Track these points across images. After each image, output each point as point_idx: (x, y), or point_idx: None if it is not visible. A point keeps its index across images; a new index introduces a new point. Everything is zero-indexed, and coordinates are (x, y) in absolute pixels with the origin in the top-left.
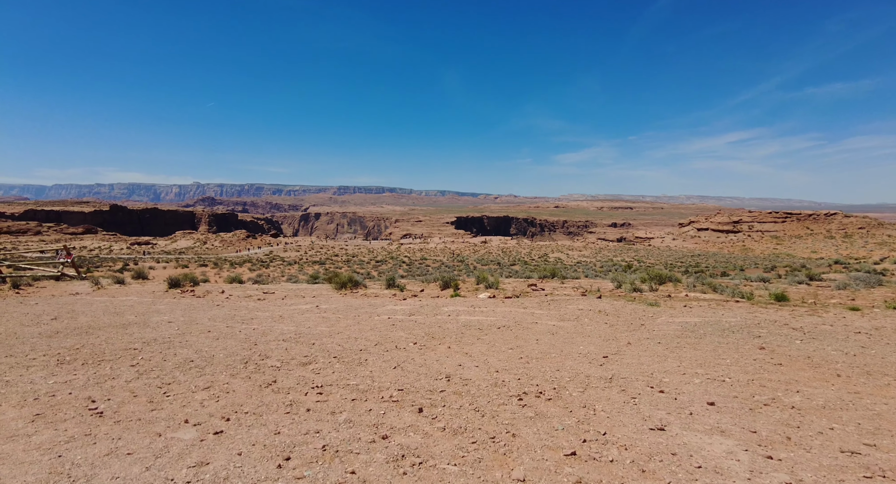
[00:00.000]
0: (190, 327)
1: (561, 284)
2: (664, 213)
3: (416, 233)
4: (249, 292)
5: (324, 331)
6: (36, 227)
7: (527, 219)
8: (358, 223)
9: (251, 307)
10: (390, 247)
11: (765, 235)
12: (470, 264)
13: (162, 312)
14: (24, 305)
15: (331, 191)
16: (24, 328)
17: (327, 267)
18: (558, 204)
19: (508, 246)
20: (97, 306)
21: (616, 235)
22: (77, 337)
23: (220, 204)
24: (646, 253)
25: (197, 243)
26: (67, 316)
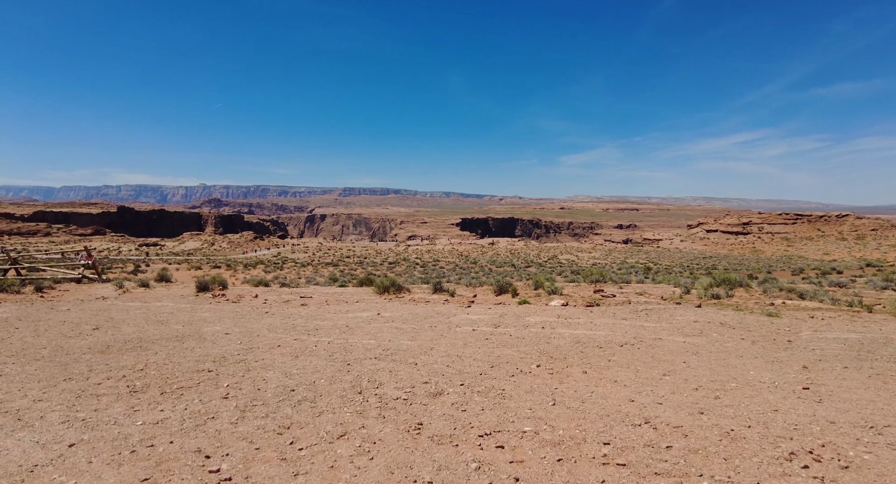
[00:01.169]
0: (253, 340)
1: (620, 289)
2: (670, 214)
3: (422, 234)
4: (285, 296)
5: (411, 346)
6: (45, 229)
7: (532, 220)
8: (363, 225)
9: (304, 315)
10: (397, 248)
11: (775, 237)
12: (484, 266)
13: (209, 320)
14: (55, 310)
15: (336, 192)
16: (69, 340)
17: (341, 269)
18: (563, 205)
19: (516, 247)
20: (135, 314)
21: (622, 237)
22: (134, 354)
23: (226, 205)
24: (657, 255)
25: (205, 245)
26: (109, 325)
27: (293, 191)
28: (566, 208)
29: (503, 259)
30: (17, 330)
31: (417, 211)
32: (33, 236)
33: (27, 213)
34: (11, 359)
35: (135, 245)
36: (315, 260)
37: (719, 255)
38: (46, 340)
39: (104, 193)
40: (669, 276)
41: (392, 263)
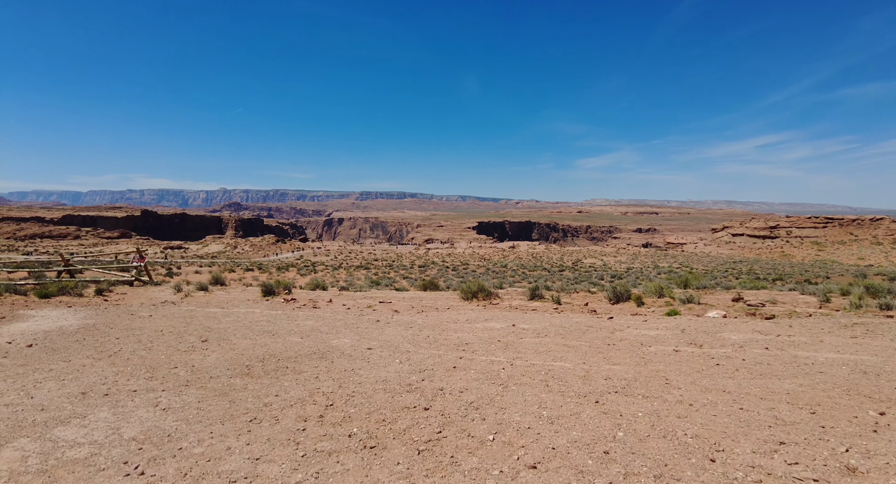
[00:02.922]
0: (412, 359)
1: (724, 296)
2: (691, 218)
3: (438, 238)
4: (365, 301)
5: (630, 375)
6: (75, 232)
7: (549, 224)
8: (380, 228)
9: (424, 324)
10: (418, 252)
11: (804, 241)
12: (517, 270)
13: (322, 330)
14: (137, 317)
15: (353, 196)
16: (191, 356)
17: (374, 272)
18: (581, 209)
19: (537, 251)
20: (228, 322)
21: (642, 241)
22: (289, 379)
23: (245, 209)
24: (685, 259)
25: (227, 247)
26: (215, 337)
27: (311, 195)
28: (584, 212)
29: (531, 263)
30: (119, 341)
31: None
32: (64, 239)
33: (57, 217)
34: (153, 382)
35: (159, 248)
36: (343, 263)
37: (749, 259)
38: (164, 355)
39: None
40: (755, 282)
41: (422, 266)
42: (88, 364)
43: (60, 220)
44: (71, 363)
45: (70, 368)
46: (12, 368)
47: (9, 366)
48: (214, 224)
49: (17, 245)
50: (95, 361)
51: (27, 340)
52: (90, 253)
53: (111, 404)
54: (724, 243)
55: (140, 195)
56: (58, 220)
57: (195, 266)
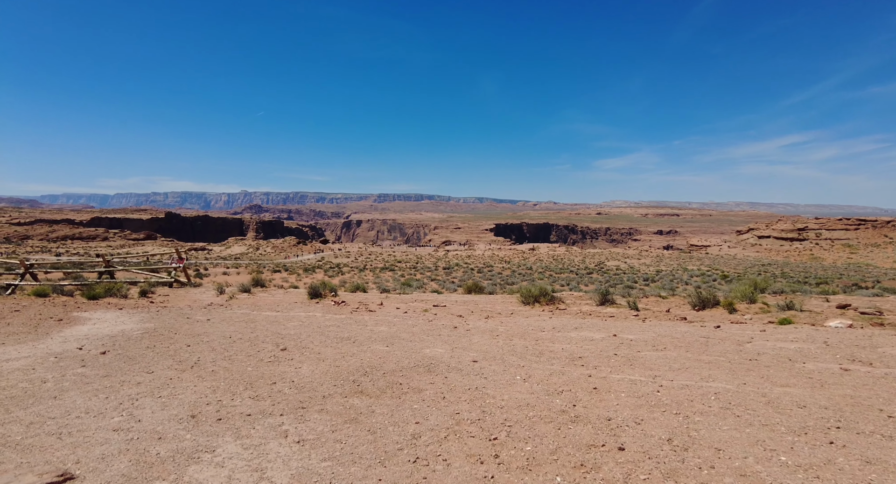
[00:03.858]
0: (537, 376)
1: (818, 302)
2: (712, 220)
3: (456, 239)
4: (417, 305)
5: (786, 397)
6: (104, 234)
7: (568, 226)
8: (398, 230)
9: (504, 332)
10: (437, 253)
11: (835, 244)
12: (543, 272)
13: (403, 338)
14: (194, 321)
15: (371, 198)
16: (280, 368)
17: (401, 274)
18: (600, 211)
19: (558, 253)
20: (292, 326)
21: (662, 243)
22: (413, 398)
23: (266, 211)
24: (711, 261)
25: (250, 249)
26: (292, 345)
27: (330, 197)
28: (603, 214)
29: (554, 265)
30: (191, 349)
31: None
32: (93, 241)
33: (86, 219)
34: (261, 403)
35: (184, 249)
36: (366, 265)
37: (778, 262)
38: (251, 366)
39: (153, 200)
40: (798, 285)
41: (446, 268)
42: (175, 377)
43: (89, 222)
44: (156, 376)
45: (158, 381)
46: (97, 380)
47: (92, 377)
48: (236, 226)
49: (49, 246)
50: (180, 372)
51: (97, 347)
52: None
53: (233, 433)
54: (749, 245)
55: (164, 197)
56: (87, 222)
57: (221, 268)
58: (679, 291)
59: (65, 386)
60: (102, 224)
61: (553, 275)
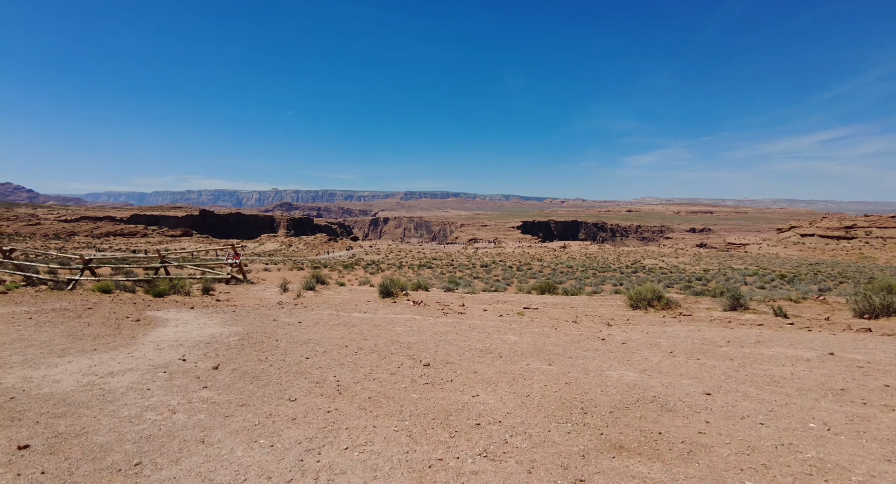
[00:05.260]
0: (792, 422)
1: None
2: (748, 217)
3: (482, 237)
4: (499, 306)
5: None
6: (143, 230)
7: (597, 223)
8: (424, 227)
9: (667, 347)
10: (466, 251)
11: (887, 242)
12: (586, 271)
13: (546, 349)
14: (282, 323)
15: (398, 196)
16: (446, 395)
17: (441, 272)
18: (630, 208)
19: (591, 251)
20: (402, 330)
21: (696, 241)
22: (672, 457)
23: (296, 209)
24: (753, 260)
25: (283, 246)
26: (429, 358)
27: (358, 195)
28: (634, 211)
29: (590, 263)
30: (311, 362)
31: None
32: (133, 237)
33: (125, 217)
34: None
35: (219, 246)
36: (401, 262)
37: (826, 261)
38: (416, 394)
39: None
40: None
41: (484, 265)
42: (330, 408)
43: (129, 220)
44: (304, 405)
45: (314, 416)
46: (237, 412)
47: (227, 406)
48: (267, 223)
49: (94, 242)
50: (330, 400)
51: (200, 357)
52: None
53: None
54: (791, 244)
55: (198, 195)
56: (126, 220)
57: (259, 264)
58: (781, 290)
59: (202, 420)
60: (141, 221)
61: (597, 273)
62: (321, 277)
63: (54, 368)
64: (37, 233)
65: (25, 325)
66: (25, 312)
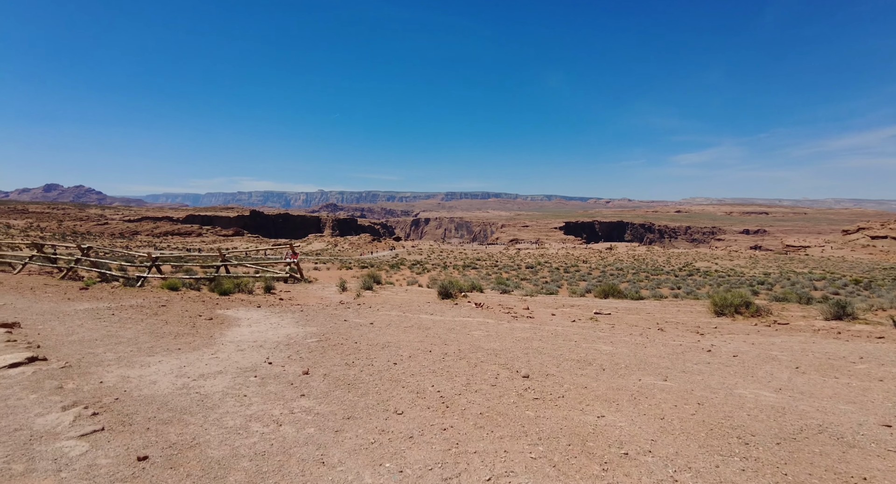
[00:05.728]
0: None
1: None
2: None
3: (524, 238)
4: (566, 310)
5: None
6: (197, 230)
7: (644, 224)
8: (464, 228)
9: (788, 362)
10: (508, 252)
11: None
12: (637, 273)
13: (662, 366)
14: (353, 324)
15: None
16: (554, 412)
17: (487, 272)
18: (679, 208)
19: (638, 253)
20: (480, 335)
21: (749, 243)
22: None
23: (341, 210)
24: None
25: (328, 245)
26: (519, 366)
27: (400, 196)
28: (683, 212)
29: (641, 266)
30: (399, 368)
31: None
32: (188, 236)
33: (182, 217)
34: None
35: (269, 245)
36: (446, 262)
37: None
38: (532, 412)
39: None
40: None
41: (530, 267)
42: (445, 425)
43: (185, 220)
44: (412, 420)
45: (430, 434)
46: (345, 426)
47: (331, 418)
48: (314, 223)
49: (154, 241)
50: (438, 415)
51: (285, 360)
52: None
53: None
54: (860, 247)
55: (248, 197)
56: (182, 220)
57: (309, 263)
58: (820, 299)
59: (312, 435)
60: (196, 221)
61: (650, 276)
62: (377, 276)
63: (147, 368)
64: (105, 232)
65: (110, 321)
66: (107, 308)
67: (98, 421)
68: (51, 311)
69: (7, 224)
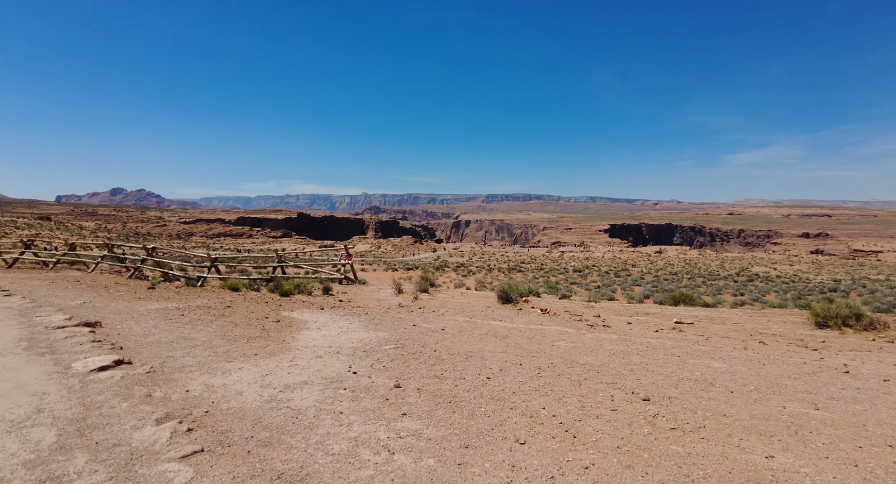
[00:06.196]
0: None
1: None
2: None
3: (567, 241)
4: (645, 319)
5: None
6: (248, 231)
7: (694, 227)
8: (505, 230)
9: None
10: (552, 254)
11: None
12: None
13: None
14: (428, 331)
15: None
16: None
17: (534, 276)
18: (732, 210)
19: (690, 257)
20: (566, 348)
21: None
22: None
23: (383, 212)
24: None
25: (372, 247)
26: (635, 388)
27: (441, 198)
28: (735, 214)
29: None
30: (495, 385)
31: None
32: (240, 238)
33: (233, 219)
34: None
35: (315, 246)
36: (490, 265)
37: None
38: (687, 447)
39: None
40: None
41: (578, 270)
42: (577, 458)
43: (236, 222)
44: (537, 449)
45: (561, 465)
46: (465, 456)
47: (442, 443)
48: (357, 226)
49: (207, 242)
50: (567, 446)
51: (367, 369)
52: (262, 250)
53: None
54: None
55: (296, 199)
56: (234, 222)
57: (356, 265)
58: None
59: (434, 469)
60: (247, 223)
61: (706, 281)
62: (431, 279)
63: (229, 376)
64: (163, 233)
65: (181, 322)
66: (176, 309)
67: (195, 439)
68: (125, 310)
69: (80, 225)
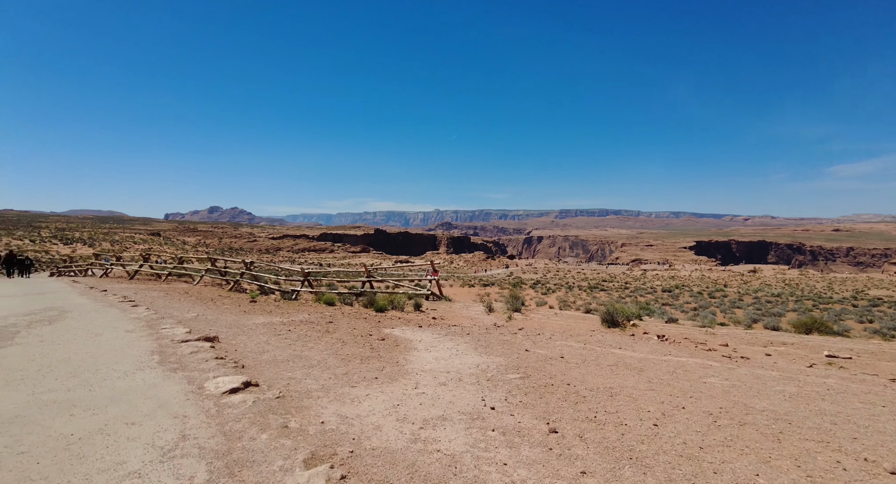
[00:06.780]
0: None
1: None
2: None
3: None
4: (778, 350)
5: None
6: (330, 247)
7: (791, 244)
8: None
9: None
10: (633, 272)
11: None
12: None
13: None
14: (546, 359)
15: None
16: None
17: (619, 295)
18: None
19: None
20: (726, 387)
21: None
22: None
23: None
24: None
25: (445, 262)
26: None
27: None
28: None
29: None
30: (675, 435)
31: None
32: (322, 252)
33: (316, 235)
34: None
35: (391, 261)
36: (570, 282)
37: None
38: None
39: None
40: None
41: (667, 290)
42: None
43: (319, 238)
44: None
45: None
46: None
47: None
48: (430, 241)
49: (293, 257)
50: None
51: (511, 408)
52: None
53: None
54: None
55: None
56: (317, 238)
57: None
58: None
59: None
60: (328, 238)
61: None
62: (520, 298)
63: (359, 404)
64: (253, 248)
65: (289, 338)
66: (281, 323)
67: None
68: (235, 324)
69: (183, 241)
